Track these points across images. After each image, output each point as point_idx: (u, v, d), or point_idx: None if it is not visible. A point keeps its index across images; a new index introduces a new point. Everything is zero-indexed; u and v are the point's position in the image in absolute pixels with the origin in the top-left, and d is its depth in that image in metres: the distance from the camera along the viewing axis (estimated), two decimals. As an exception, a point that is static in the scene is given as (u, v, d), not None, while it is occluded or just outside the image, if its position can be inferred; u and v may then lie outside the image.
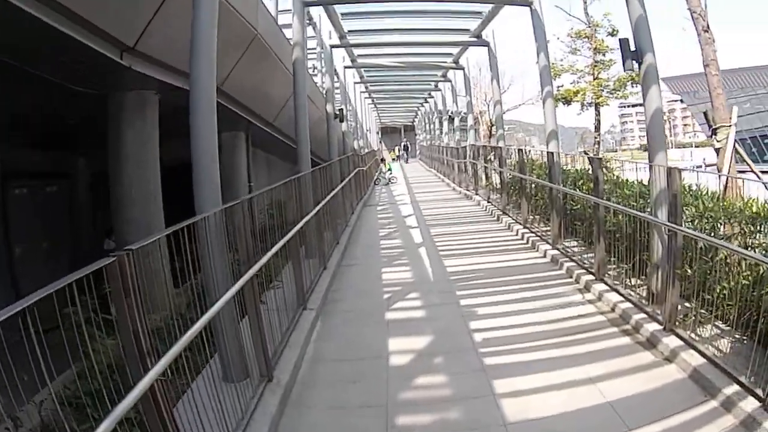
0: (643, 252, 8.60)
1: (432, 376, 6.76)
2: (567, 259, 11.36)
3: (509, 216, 17.17)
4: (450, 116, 39.17)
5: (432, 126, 50.93)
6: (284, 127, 18.90)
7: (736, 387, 5.60)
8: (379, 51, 26.78)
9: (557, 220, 12.52)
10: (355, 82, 35.74)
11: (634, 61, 8.63)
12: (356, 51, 25.68)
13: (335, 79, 23.92)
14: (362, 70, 31.89)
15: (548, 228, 13.63)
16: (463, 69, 28.63)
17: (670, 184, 7.36)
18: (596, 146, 37.61)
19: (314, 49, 24.60)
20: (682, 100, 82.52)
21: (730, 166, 11.82)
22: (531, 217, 15.29)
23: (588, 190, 11.57)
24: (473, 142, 29.83)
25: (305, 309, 8.48)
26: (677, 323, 7.10)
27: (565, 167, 13.93)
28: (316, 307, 8.76)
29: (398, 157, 61.00)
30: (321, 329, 8.33)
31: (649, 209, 8.63)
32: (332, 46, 21.43)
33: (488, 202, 20.58)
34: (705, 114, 12.09)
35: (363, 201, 23.73)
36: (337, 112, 20.59)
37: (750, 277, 6.63)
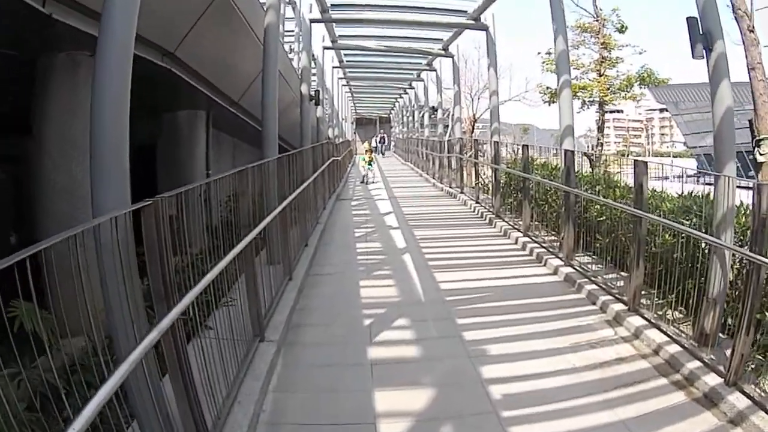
0: (689, 280, 7.42)
1: None
2: (586, 280, 9.79)
3: (504, 221, 15.59)
4: (433, 107, 37.92)
5: (410, 118, 50.13)
6: (253, 109, 16.73)
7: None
8: (363, 31, 25.90)
9: (572, 230, 10.93)
10: (334, 67, 34.49)
11: (704, 48, 7.16)
12: (338, 30, 24.71)
13: (312, 59, 22.71)
14: (342, 53, 30.94)
15: (555, 238, 12.46)
16: (452, 57, 27.80)
17: (760, 203, 5.91)
18: (599, 148, 36.71)
19: (291, 31, 23.68)
20: (666, 110, 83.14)
21: None
22: (534, 223, 13.78)
23: (618, 198, 10.21)
24: (460, 136, 28.44)
25: (262, 341, 6.49)
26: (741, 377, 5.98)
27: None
28: (277, 338, 6.75)
29: (374, 149, 58.66)
30: (283, 373, 6.29)
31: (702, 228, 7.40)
32: (312, 21, 20.27)
33: (477, 202, 19.24)
34: (750, 122, 10.91)
35: (336, 194, 22.17)
36: (313, 94, 19.34)
37: None
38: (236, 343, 5.67)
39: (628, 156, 30.65)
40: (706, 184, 8.99)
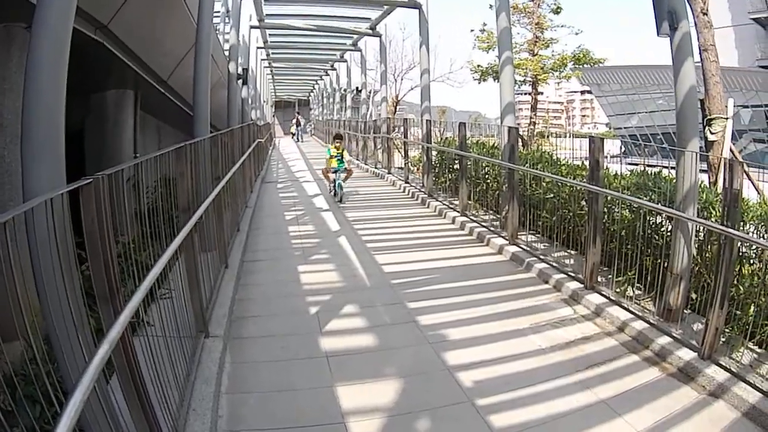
0: (648, 257, 7.62)
1: None
2: (535, 258, 9.68)
3: (438, 201, 15.40)
4: (357, 88, 37.59)
5: (332, 100, 49.63)
6: (180, 88, 16.30)
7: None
8: (291, 9, 25.33)
9: (517, 209, 10.71)
10: (258, 47, 33.58)
11: (669, 27, 7.07)
12: (266, 9, 24.11)
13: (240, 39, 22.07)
14: (267, 33, 30.28)
15: (495, 217, 12.42)
16: (380, 36, 27.41)
17: (732, 179, 6.00)
18: (531, 126, 37.15)
19: (218, 12, 23.42)
20: (588, 92, 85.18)
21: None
22: (471, 203, 13.64)
23: (566, 175, 10.28)
24: (387, 115, 28.32)
25: (207, 336, 5.95)
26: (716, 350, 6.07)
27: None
28: (221, 333, 6.21)
29: (292, 134, 57.00)
30: (233, 373, 5.74)
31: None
32: (241, -4, 19.85)
33: (406, 182, 19.10)
34: (701, 102, 10.83)
35: (261, 177, 21.67)
36: (241, 72, 18.88)
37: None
38: (182, 341, 5.14)
39: (548, 137, 30.96)
40: (629, 164, 8.98)
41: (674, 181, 7.26)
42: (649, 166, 9.01)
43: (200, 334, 5.85)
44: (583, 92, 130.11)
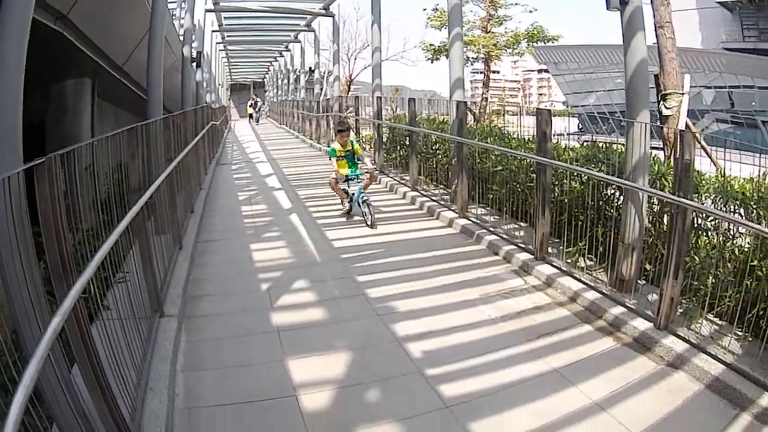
0: (599, 228, 7.57)
1: (376, 427, 4.53)
2: (484, 231, 9.75)
3: (389, 177, 15.46)
4: (310, 68, 37.39)
5: (286, 81, 49.16)
6: (135, 74, 16.09)
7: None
8: None
9: (466, 182, 10.78)
10: (213, 30, 33.49)
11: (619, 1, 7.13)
12: None
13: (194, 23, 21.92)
14: (222, 16, 30.07)
15: (445, 191, 12.45)
16: (333, 16, 27.43)
17: (683, 149, 5.95)
18: (483, 102, 37.21)
19: None
20: (545, 70, 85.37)
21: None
22: (422, 178, 13.71)
23: (515, 148, 10.28)
24: (339, 94, 28.16)
25: (162, 316, 5.95)
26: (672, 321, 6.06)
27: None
28: (176, 313, 6.19)
29: (250, 116, 55.60)
30: (188, 351, 5.73)
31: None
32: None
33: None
34: (656, 77, 10.81)
35: (216, 159, 21.38)
36: (195, 55, 18.75)
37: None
38: (138, 322, 5.13)
39: (504, 115, 31.21)
40: (585, 141, 9.08)
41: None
42: (605, 143, 9.11)
43: (155, 314, 5.84)
44: (540, 71, 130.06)
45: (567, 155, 9.07)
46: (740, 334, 5.81)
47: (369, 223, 10.39)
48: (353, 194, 11.02)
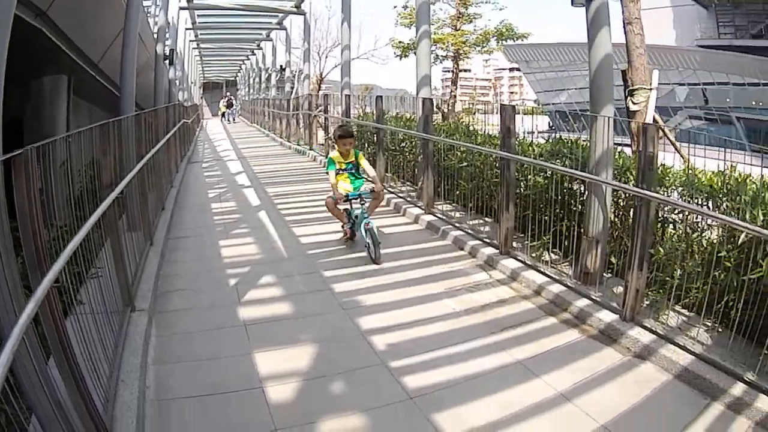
0: (564, 222, 7.67)
1: (339, 418, 4.57)
2: (450, 226, 9.88)
3: None
4: (281, 66, 37.19)
5: (258, 79, 49.11)
6: (110, 71, 16.03)
7: (742, 386, 4.90)
8: None
9: (432, 179, 10.87)
10: (187, 28, 33.32)
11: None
12: None
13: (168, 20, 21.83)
14: (196, 14, 29.95)
15: (412, 188, 12.69)
16: (304, 14, 27.67)
17: (646, 142, 5.98)
18: (452, 100, 37.33)
19: None
20: (516, 69, 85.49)
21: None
22: (389, 175, 13.80)
23: (480, 144, 10.30)
24: (309, 92, 28.06)
25: (133, 310, 6.02)
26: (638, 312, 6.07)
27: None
28: (147, 307, 6.25)
29: (222, 115, 55.01)
30: (159, 344, 5.78)
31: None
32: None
33: (326, 157, 18.66)
34: (623, 73, 10.94)
35: (187, 158, 21.37)
36: (167, 53, 18.62)
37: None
38: (110, 316, 5.20)
39: (474, 114, 31.55)
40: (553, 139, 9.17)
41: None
42: (573, 139, 9.15)
43: (127, 308, 5.90)
44: (511, 69, 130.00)
45: (532, 151, 9.11)
46: (710, 324, 5.87)
47: (373, 256, 8.36)
48: (356, 217, 9.03)
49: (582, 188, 7.57)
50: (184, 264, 8.45)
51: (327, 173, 9.41)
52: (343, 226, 9.38)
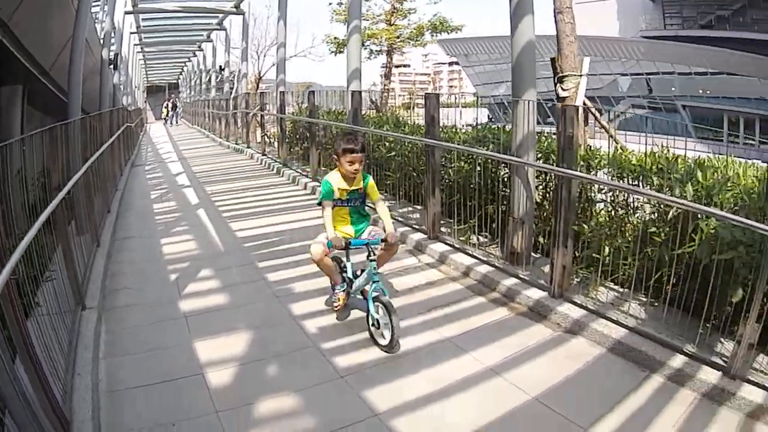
0: (490, 205, 7.72)
1: (275, 399, 4.70)
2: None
3: (292, 169, 15.88)
4: (220, 67, 37.14)
5: (199, 81, 48.37)
6: (60, 78, 15.39)
7: (682, 358, 5.00)
8: None
9: None
10: (131, 32, 32.76)
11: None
12: None
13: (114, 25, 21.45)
14: (140, 17, 29.63)
15: None
16: (243, 14, 27.58)
17: (565, 122, 6.05)
18: (385, 94, 37.37)
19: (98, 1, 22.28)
20: (456, 63, 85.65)
21: (580, 120, 10.68)
22: (322, 168, 13.88)
23: (408, 134, 10.40)
24: (246, 91, 28.07)
25: (84, 309, 6.12)
26: (567, 289, 6.22)
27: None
28: (96, 305, 6.35)
29: (165, 117, 54.51)
30: (108, 339, 5.86)
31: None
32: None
33: (263, 155, 19.37)
34: (552, 60, 10.89)
35: (131, 161, 21.14)
36: (112, 58, 18.58)
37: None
38: (64, 315, 5.35)
39: (413, 108, 31.71)
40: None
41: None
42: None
43: (78, 307, 6.01)
44: (450, 63, 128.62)
45: (458, 138, 9.22)
46: (645, 300, 5.95)
47: (387, 341, 5.42)
48: (356, 275, 6.13)
49: (507, 171, 7.62)
50: (129, 263, 8.50)
51: (319, 205, 6.23)
52: (333, 286, 6.30)
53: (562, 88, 10.57)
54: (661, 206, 5.99)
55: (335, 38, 40.88)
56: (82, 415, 4.28)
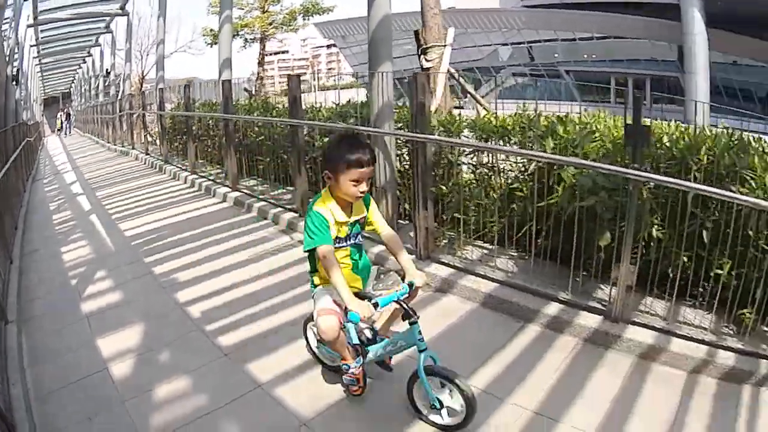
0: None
1: (170, 383, 5.10)
2: (254, 199, 10.59)
3: (173, 165, 16.34)
4: (107, 70, 36.75)
5: (89, 87, 47.50)
6: None
7: (558, 306, 5.24)
8: (60, 1, 24.47)
9: (234, 158, 11.63)
10: (31, 45, 32.06)
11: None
12: (41, 5, 23.27)
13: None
14: (40, 29, 29.06)
15: (221, 170, 13.13)
16: (128, 15, 27.41)
17: (416, 90, 6.28)
18: (259, 82, 37.44)
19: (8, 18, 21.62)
20: (334, 45, 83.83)
21: (444, 88, 11.17)
22: (200, 161, 14.59)
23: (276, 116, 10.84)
24: (129, 93, 28.07)
25: (7, 323, 6.56)
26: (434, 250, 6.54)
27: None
28: (15, 317, 6.79)
29: (59, 129, 53.38)
30: (29, 348, 6.25)
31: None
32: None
33: (147, 154, 19.51)
34: (416, 33, 11.39)
35: (32, 176, 21.11)
36: (14, 74, 18.52)
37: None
38: None
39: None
40: None
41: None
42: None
43: (1, 321, 6.42)
44: (329, 46, 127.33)
45: (321, 115, 9.63)
46: (516, 254, 6.17)
47: (460, 415, 3.85)
48: (361, 339, 4.32)
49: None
50: (38, 274, 8.78)
51: (309, 252, 4.02)
52: (341, 365, 4.32)
53: (426, 59, 10.90)
54: (524, 163, 6.21)
55: (211, 30, 40.45)
56: (20, 419, 4.68)
